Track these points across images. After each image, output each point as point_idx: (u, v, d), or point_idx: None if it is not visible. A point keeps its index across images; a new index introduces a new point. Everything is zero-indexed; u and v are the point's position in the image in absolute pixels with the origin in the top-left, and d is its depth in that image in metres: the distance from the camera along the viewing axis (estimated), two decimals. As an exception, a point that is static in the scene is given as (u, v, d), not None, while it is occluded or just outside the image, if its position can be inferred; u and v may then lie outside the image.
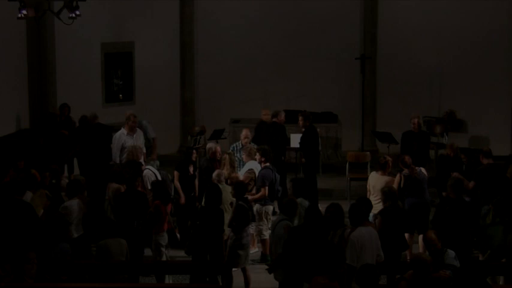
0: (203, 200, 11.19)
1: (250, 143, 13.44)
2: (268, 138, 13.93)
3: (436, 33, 17.70)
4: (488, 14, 17.35)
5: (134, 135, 13.33)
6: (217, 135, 16.02)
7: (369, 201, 10.66)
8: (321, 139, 16.62)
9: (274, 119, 14.37)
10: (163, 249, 10.63)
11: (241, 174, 12.35)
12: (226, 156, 12.46)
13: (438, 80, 17.87)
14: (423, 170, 12.01)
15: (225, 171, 12.06)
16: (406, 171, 11.83)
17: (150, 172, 11.92)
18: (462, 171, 12.54)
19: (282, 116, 14.43)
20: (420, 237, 11.58)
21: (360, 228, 9.23)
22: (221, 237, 10.54)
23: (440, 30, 17.69)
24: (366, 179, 12.55)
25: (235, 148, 13.57)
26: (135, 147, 12.62)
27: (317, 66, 18.03)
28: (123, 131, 13.36)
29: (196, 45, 18.31)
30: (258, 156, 12.26)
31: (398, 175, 11.90)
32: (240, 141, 13.57)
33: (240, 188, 10.86)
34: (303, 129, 14.20)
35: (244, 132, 13.58)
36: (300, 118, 14.17)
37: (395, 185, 11.66)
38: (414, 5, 17.85)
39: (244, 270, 10.70)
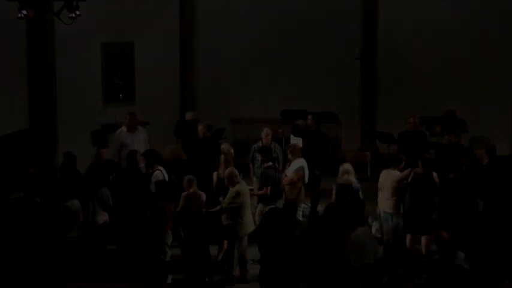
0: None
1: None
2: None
3: (436, 33, 17.70)
4: (488, 14, 17.38)
5: (134, 134, 13.47)
6: (217, 135, 15.98)
7: (362, 201, 10.67)
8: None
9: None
10: (167, 249, 10.66)
11: (289, 172, 12.30)
12: (222, 156, 12.45)
13: (438, 80, 17.86)
14: (436, 174, 11.90)
15: (221, 172, 12.06)
16: (420, 169, 11.71)
17: (160, 173, 11.80)
18: (462, 171, 12.51)
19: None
20: (423, 238, 11.58)
21: (360, 229, 9.25)
22: None
23: (441, 30, 17.69)
24: (366, 179, 12.55)
25: (255, 148, 13.43)
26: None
27: (317, 66, 18.01)
28: (124, 128, 13.60)
29: (196, 45, 18.29)
30: (259, 157, 12.23)
31: (409, 170, 11.78)
32: (261, 141, 13.33)
33: None
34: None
35: (265, 131, 13.39)
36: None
37: (404, 180, 11.61)
38: (414, 4, 17.84)
39: None
